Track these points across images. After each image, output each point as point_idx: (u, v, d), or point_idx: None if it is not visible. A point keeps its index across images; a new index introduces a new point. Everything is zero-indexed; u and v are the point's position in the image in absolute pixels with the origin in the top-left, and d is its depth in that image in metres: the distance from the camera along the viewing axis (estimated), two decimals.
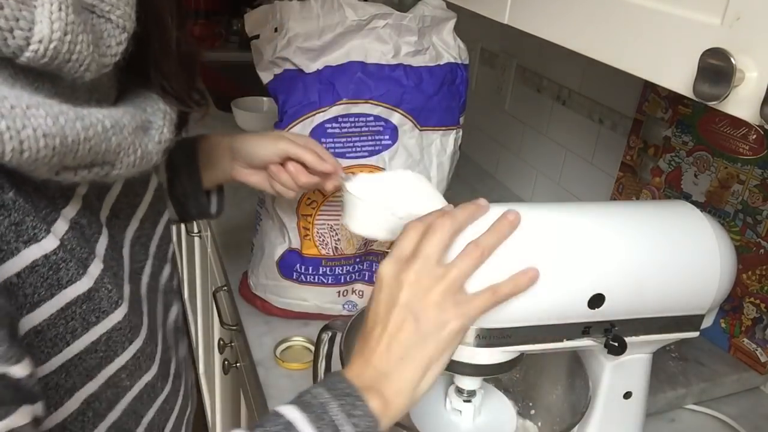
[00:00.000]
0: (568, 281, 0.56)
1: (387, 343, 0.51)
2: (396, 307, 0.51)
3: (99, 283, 0.45)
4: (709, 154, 0.94)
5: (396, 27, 0.86)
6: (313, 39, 0.84)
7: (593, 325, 0.59)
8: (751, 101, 0.40)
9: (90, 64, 0.41)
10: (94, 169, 0.42)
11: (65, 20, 0.38)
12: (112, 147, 0.43)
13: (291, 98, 0.86)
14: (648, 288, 0.59)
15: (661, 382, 0.83)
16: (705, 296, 0.61)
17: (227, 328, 1.14)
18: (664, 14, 0.47)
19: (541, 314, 0.57)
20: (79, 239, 0.44)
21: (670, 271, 0.59)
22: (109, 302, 0.46)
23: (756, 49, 0.40)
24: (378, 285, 0.54)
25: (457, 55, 0.90)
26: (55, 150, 0.37)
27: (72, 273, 0.42)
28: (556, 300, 0.56)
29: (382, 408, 0.49)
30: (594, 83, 1.19)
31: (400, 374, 0.50)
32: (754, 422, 0.83)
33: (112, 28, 0.44)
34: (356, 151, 0.87)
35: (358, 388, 0.49)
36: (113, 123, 0.43)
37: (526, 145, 1.41)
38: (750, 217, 0.89)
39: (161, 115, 0.52)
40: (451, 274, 0.52)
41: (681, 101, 0.97)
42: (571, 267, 0.56)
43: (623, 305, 0.59)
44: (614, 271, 0.57)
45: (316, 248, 0.90)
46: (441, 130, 0.91)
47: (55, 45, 0.38)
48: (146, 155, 0.48)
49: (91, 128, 0.40)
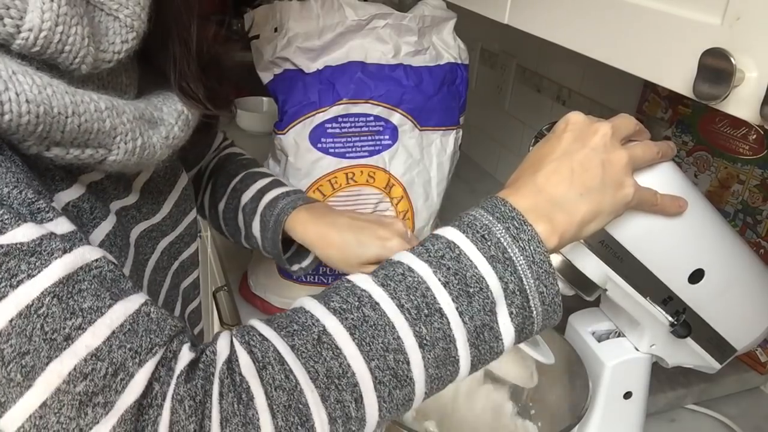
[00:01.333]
0: (691, 241, 0.60)
1: (569, 176, 0.49)
2: (586, 148, 0.50)
3: None
4: (709, 154, 0.94)
5: (396, 27, 0.86)
6: (313, 39, 0.84)
7: (674, 300, 0.62)
8: (751, 101, 0.40)
9: (85, 57, 0.43)
10: (87, 150, 0.43)
11: (57, 11, 0.39)
12: (107, 128, 0.44)
13: (291, 98, 0.86)
14: (732, 294, 0.64)
15: (661, 382, 0.83)
16: (750, 335, 0.69)
17: (227, 327, 1.14)
18: (664, 14, 0.47)
19: (655, 254, 0.59)
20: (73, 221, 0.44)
21: (749, 295, 0.66)
22: None
23: (756, 49, 0.40)
24: (565, 125, 0.52)
25: (457, 55, 0.91)
26: (39, 118, 0.38)
27: None
28: (674, 249, 0.59)
29: (548, 235, 0.47)
30: (594, 83, 1.19)
31: (576, 207, 0.48)
32: (754, 422, 0.83)
33: (119, 26, 0.45)
34: (356, 151, 0.87)
35: (524, 211, 0.47)
36: (108, 106, 0.44)
37: (526, 145, 1.41)
38: (750, 217, 0.89)
39: (175, 115, 0.53)
40: (635, 150, 0.52)
41: (681, 101, 0.97)
42: (699, 231, 0.60)
43: (709, 294, 0.63)
44: (723, 260, 0.63)
45: None
46: (441, 130, 0.91)
47: (46, 35, 0.39)
48: (149, 147, 0.48)
49: (82, 104, 0.41)
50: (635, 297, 0.61)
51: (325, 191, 0.87)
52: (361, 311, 0.42)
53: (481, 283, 0.44)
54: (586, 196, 0.49)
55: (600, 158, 0.50)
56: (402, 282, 0.43)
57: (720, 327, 0.66)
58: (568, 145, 0.51)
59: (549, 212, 0.47)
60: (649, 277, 0.60)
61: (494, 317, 0.44)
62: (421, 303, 0.43)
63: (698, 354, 0.68)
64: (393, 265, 0.45)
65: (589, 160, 0.50)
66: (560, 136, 0.52)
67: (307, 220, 0.70)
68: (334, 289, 0.45)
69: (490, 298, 0.44)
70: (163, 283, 0.60)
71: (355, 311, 0.42)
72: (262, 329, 0.43)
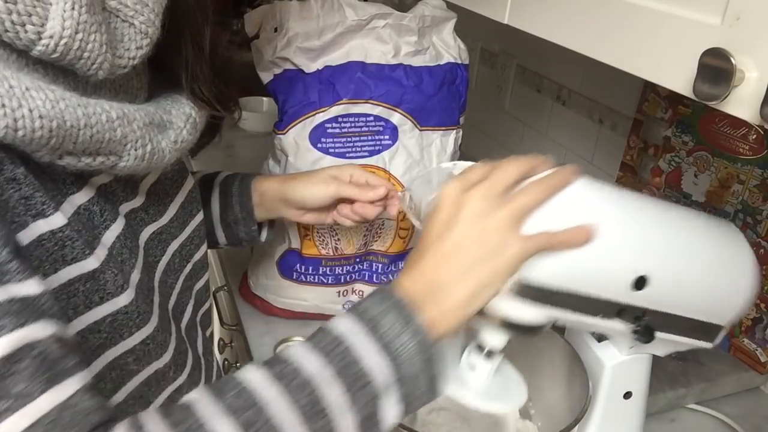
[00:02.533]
0: (619, 254, 0.56)
1: (447, 256, 0.50)
2: (459, 223, 0.50)
3: (105, 265, 0.46)
4: (709, 154, 0.94)
5: (396, 27, 0.86)
6: (313, 39, 0.84)
7: (628, 309, 0.59)
8: (751, 101, 0.40)
9: (102, 63, 0.43)
10: (98, 158, 0.44)
11: (77, 19, 0.40)
12: (117, 137, 0.45)
13: (291, 98, 0.86)
14: (688, 285, 0.60)
15: (661, 382, 0.83)
16: (731, 309, 0.64)
17: (227, 328, 1.14)
18: (664, 14, 0.47)
19: (587, 280, 0.56)
20: (86, 224, 0.45)
21: (710, 276, 0.62)
22: (114, 285, 0.47)
23: (756, 49, 0.40)
24: (440, 203, 0.52)
25: (457, 55, 0.90)
26: (52, 132, 0.39)
27: (77, 252, 0.44)
28: (605, 269, 0.56)
29: (436, 320, 0.48)
30: (594, 83, 1.19)
31: (458, 287, 0.49)
32: (754, 422, 0.83)
33: (135, 32, 0.46)
34: (356, 151, 0.87)
35: (412, 300, 0.48)
36: (120, 115, 0.45)
37: (526, 145, 1.41)
38: (750, 217, 0.89)
39: (184, 118, 0.54)
40: (517, 202, 0.51)
41: (681, 101, 0.97)
42: (624, 241, 0.57)
43: (662, 294, 0.60)
44: (664, 258, 0.59)
45: (316, 248, 0.90)
46: (441, 130, 0.91)
47: (66, 42, 0.40)
48: (158, 152, 0.49)
49: (93, 116, 0.42)
50: (586, 320, 0.59)
51: None
52: (255, 410, 0.42)
53: (367, 376, 0.45)
54: (467, 272, 0.49)
55: (473, 231, 0.50)
56: (294, 379, 0.44)
57: (693, 314, 0.63)
58: (441, 226, 0.51)
59: (435, 296, 0.49)
60: (590, 300, 0.58)
61: (379, 406, 0.45)
62: (312, 400, 0.43)
63: (683, 343, 0.66)
64: (284, 360, 0.45)
65: (463, 237, 0.50)
66: (435, 216, 0.52)
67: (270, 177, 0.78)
68: (226, 384, 0.44)
69: (375, 391, 0.45)
70: (174, 286, 0.60)
71: (249, 410, 0.42)
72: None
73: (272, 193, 0.77)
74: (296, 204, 0.75)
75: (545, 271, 0.54)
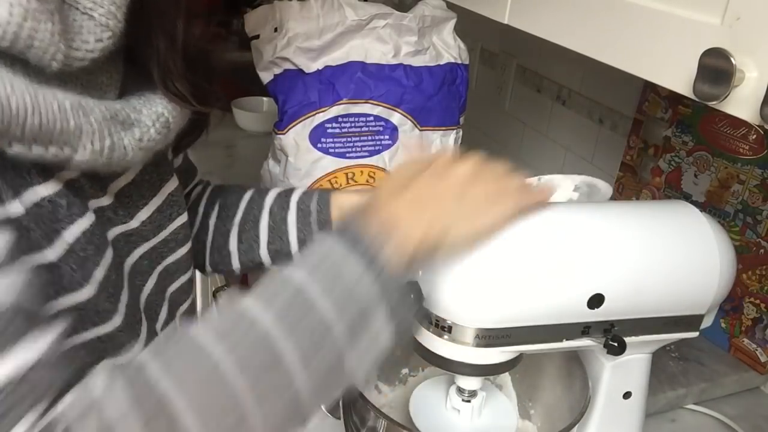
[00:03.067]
0: (567, 281, 0.56)
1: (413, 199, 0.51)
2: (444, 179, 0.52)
3: (62, 260, 0.46)
4: (709, 154, 0.93)
5: (396, 27, 0.86)
6: (313, 39, 0.84)
7: (593, 325, 0.59)
8: (751, 101, 0.40)
9: (55, 53, 0.42)
10: (51, 148, 0.43)
11: (25, 6, 0.40)
12: (71, 128, 0.43)
13: (291, 98, 0.86)
14: (647, 288, 0.58)
15: (661, 382, 0.83)
16: (704, 296, 0.61)
17: None
18: (664, 14, 0.47)
19: (540, 314, 0.56)
20: (46, 216, 0.45)
21: (670, 271, 0.59)
22: (70, 281, 0.46)
23: (756, 49, 0.40)
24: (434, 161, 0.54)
25: (457, 55, 0.91)
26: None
27: (33, 243, 0.44)
28: (555, 300, 0.56)
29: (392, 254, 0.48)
30: (594, 83, 1.19)
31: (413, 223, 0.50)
32: (754, 422, 0.83)
33: (94, 25, 0.45)
34: (356, 151, 0.87)
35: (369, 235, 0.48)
36: (74, 105, 0.44)
37: (526, 145, 1.41)
38: (750, 217, 0.89)
39: (154, 117, 0.52)
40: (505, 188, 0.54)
41: (681, 101, 0.97)
42: (569, 267, 0.56)
43: (623, 305, 0.58)
44: (614, 270, 0.57)
45: None
46: (441, 130, 0.91)
47: (14, 29, 0.39)
48: (118, 148, 0.48)
49: (43, 103, 0.41)
50: (553, 346, 0.59)
51: None
52: None
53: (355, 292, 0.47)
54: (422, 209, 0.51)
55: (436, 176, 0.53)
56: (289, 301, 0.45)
57: (665, 312, 0.61)
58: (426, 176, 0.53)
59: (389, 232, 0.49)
60: (549, 328, 0.57)
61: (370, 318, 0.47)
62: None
63: (667, 339, 0.64)
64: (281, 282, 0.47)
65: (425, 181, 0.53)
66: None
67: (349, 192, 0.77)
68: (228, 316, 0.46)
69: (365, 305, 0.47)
70: (143, 287, 0.59)
71: None
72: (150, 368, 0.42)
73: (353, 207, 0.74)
74: None
75: (499, 318, 0.55)
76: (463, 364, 0.58)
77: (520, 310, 0.55)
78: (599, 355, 0.67)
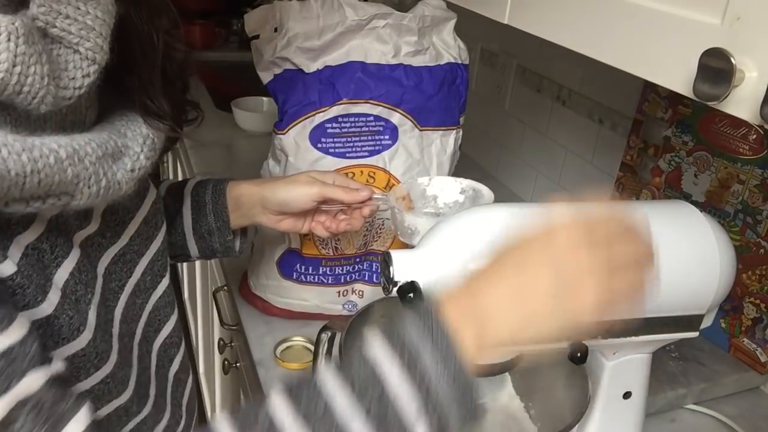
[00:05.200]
0: None
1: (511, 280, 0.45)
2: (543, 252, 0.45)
3: (59, 310, 0.44)
4: (709, 154, 0.94)
5: (396, 27, 0.86)
6: (313, 39, 0.84)
7: None
8: (751, 101, 0.40)
9: (45, 96, 0.40)
10: (48, 200, 0.41)
11: (14, 51, 0.37)
12: (68, 178, 0.41)
13: (291, 98, 0.86)
14: None
15: (661, 382, 0.83)
16: (704, 296, 0.61)
17: (227, 328, 1.14)
18: (664, 14, 0.47)
19: None
20: (35, 265, 0.43)
21: (669, 271, 0.59)
22: (69, 329, 0.45)
23: (756, 49, 0.40)
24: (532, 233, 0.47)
25: (457, 55, 0.90)
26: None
27: (29, 299, 0.42)
28: None
29: (475, 347, 0.42)
30: (594, 83, 1.19)
31: (509, 313, 0.44)
32: (754, 422, 0.83)
33: (80, 59, 0.43)
34: (356, 151, 0.87)
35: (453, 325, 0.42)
36: (70, 153, 0.42)
37: (526, 145, 1.41)
38: (750, 217, 0.89)
39: (141, 140, 0.50)
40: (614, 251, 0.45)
41: (681, 101, 0.97)
42: None
43: None
44: None
45: (316, 248, 0.90)
46: (441, 130, 0.91)
47: (2, 76, 0.37)
48: (113, 185, 0.46)
49: (40, 160, 0.39)
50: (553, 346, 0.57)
51: None
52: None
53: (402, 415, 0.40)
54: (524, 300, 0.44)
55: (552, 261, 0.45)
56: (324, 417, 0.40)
57: (665, 312, 0.60)
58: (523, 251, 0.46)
59: (479, 321, 0.43)
60: None
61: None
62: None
63: (665, 339, 0.64)
64: (315, 395, 0.41)
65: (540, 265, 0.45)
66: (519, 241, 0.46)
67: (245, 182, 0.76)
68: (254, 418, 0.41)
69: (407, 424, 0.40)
70: (144, 306, 0.58)
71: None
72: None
73: (249, 198, 0.73)
74: (276, 207, 0.73)
75: None
76: None
77: None
78: (599, 355, 0.67)
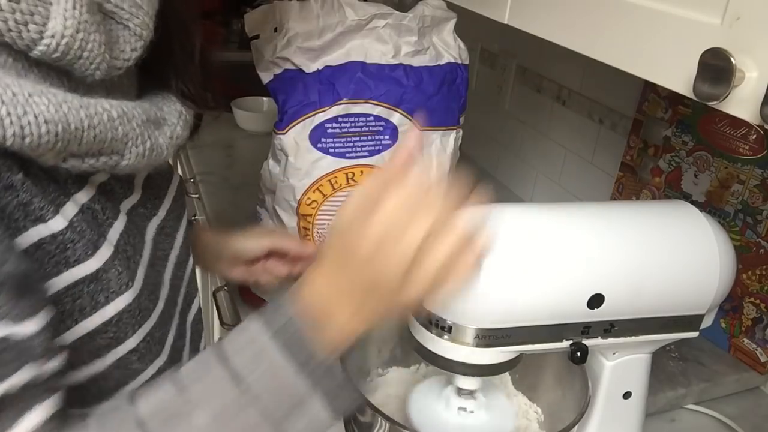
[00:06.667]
0: (567, 282, 0.56)
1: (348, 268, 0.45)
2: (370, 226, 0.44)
3: (108, 264, 0.46)
4: (709, 154, 0.94)
5: (396, 27, 0.86)
6: (313, 39, 0.84)
7: (593, 325, 0.59)
8: (751, 101, 0.40)
9: (100, 63, 0.44)
10: (101, 158, 0.44)
11: (78, 18, 0.40)
12: (119, 136, 0.45)
13: (291, 98, 0.86)
14: (647, 288, 0.59)
15: (661, 382, 0.83)
16: (704, 296, 0.61)
17: (227, 328, 1.14)
18: (664, 14, 0.47)
19: (540, 314, 0.57)
20: (89, 222, 0.45)
21: (670, 272, 0.59)
22: (118, 283, 0.47)
23: (756, 49, 0.40)
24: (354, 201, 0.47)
25: (457, 55, 0.91)
26: (57, 136, 0.39)
27: (79, 253, 0.44)
28: (556, 300, 0.56)
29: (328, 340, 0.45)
30: (594, 83, 1.19)
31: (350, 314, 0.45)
32: (754, 422, 0.83)
33: (129, 35, 0.47)
34: (356, 151, 0.87)
35: None
36: (120, 113, 0.45)
37: (526, 145, 1.41)
38: (750, 217, 0.89)
39: (177, 114, 0.54)
40: None
41: (681, 101, 0.97)
42: (570, 267, 0.56)
43: (623, 305, 0.59)
44: (614, 271, 0.57)
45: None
46: (441, 130, 0.91)
47: (67, 41, 0.40)
48: (156, 148, 0.50)
49: (96, 116, 0.42)
50: (553, 346, 0.59)
51: (325, 191, 0.87)
52: None
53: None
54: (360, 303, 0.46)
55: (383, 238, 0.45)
56: None
57: (665, 312, 0.61)
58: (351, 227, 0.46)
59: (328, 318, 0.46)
60: (549, 328, 0.57)
61: None
62: None
63: (666, 339, 0.64)
64: None
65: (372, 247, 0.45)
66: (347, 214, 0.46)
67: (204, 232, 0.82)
68: None
69: None
70: (183, 278, 0.61)
71: None
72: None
73: (209, 249, 0.79)
74: (231, 255, 0.79)
75: (499, 318, 0.55)
76: (463, 364, 0.58)
77: (520, 310, 0.55)
78: (599, 355, 0.67)
